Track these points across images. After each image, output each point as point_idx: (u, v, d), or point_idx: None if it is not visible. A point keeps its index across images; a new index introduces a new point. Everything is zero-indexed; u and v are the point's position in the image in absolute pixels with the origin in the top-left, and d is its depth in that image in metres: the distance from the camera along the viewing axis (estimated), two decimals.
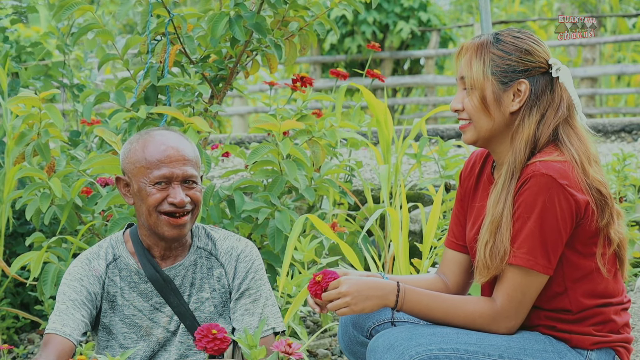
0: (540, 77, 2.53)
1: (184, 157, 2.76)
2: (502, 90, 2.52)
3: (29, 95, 3.70)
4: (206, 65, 4.08)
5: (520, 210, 2.45)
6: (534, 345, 2.49)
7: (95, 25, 4.09)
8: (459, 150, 6.80)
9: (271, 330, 2.85)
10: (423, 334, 2.46)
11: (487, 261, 2.49)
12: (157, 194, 2.74)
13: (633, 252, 4.65)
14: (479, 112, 2.54)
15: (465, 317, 2.50)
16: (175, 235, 2.77)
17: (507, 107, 2.53)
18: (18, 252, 4.50)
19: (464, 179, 2.77)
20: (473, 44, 2.57)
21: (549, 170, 2.42)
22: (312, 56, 13.70)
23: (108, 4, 7.77)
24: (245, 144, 8.08)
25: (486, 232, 2.50)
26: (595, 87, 12.68)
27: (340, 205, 4.63)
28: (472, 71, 2.54)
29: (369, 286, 2.52)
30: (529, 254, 2.43)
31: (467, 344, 2.45)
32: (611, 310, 2.54)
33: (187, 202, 2.75)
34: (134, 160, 2.78)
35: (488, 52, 2.53)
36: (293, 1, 3.99)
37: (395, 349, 2.44)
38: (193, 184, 2.77)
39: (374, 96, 4.54)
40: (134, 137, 2.84)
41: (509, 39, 2.54)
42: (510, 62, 2.52)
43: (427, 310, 2.53)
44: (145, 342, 2.85)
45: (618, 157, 4.83)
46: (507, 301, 2.47)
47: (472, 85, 2.54)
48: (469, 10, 18.57)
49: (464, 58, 2.58)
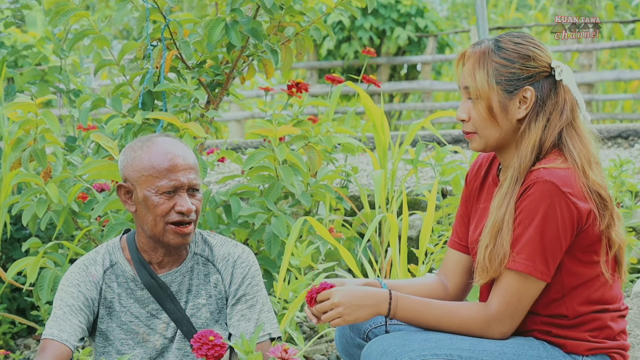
0: (544, 82, 2.53)
1: (189, 165, 2.76)
2: (508, 98, 2.51)
3: (26, 100, 3.69)
4: (202, 71, 4.08)
5: (522, 215, 2.45)
6: (528, 351, 2.49)
7: (91, 31, 4.09)
8: (456, 156, 6.80)
9: (267, 336, 2.85)
10: (416, 339, 2.46)
11: (486, 264, 2.49)
12: (165, 204, 2.73)
13: (630, 258, 4.65)
14: (486, 121, 2.53)
15: (460, 323, 2.50)
16: (180, 243, 2.77)
17: (513, 115, 2.52)
18: (14, 258, 4.50)
19: (470, 181, 2.77)
20: (474, 53, 2.55)
21: (552, 177, 2.42)
22: (309, 62, 13.71)
23: (104, 9, 7.78)
24: (241, 150, 8.08)
25: (487, 234, 2.50)
26: (592, 93, 12.69)
27: (337, 211, 4.63)
28: (476, 81, 2.52)
29: (360, 295, 2.52)
30: (528, 259, 2.43)
31: (460, 349, 2.45)
32: (608, 316, 2.53)
33: (193, 210, 2.75)
34: (140, 168, 2.75)
35: (491, 61, 2.51)
36: (289, 7, 3.99)
37: (389, 355, 2.44)
38: (196, 193, 2.78)
39: (371, 100, 4.54)
40: (136, 144, 2.81)
41: (510, 45, 2.52)
42: (514, 70, 2.50)
43: (420, 317, 2.53)
44: (142, 349, 2.85)
45: (615, 163, 4.83)
46: (502, 306, 2.47)
47: (477, 96, 2.53)
48: (465, 15, 18.60)
49: (466, 67, 2.56)
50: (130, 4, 3.98)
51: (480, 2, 4.87)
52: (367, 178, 6.16)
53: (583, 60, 12.96)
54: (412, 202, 5.32)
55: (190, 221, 2.76)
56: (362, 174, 6.34)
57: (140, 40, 4.04)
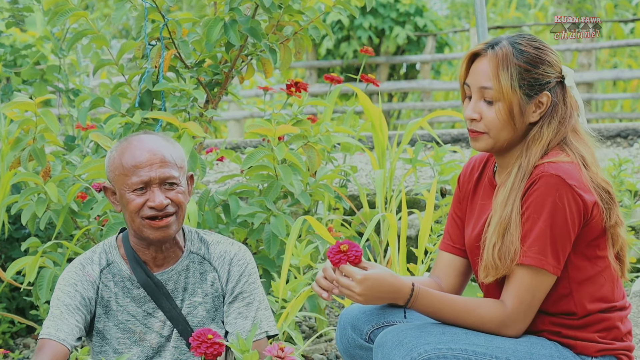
0: (557, 87, 2.55)
1: (160, 159, 2.74)
2: (527, 102, 2.52)
3: (25, 100, 3.69)
4: (201, 70, 4.08)
5: (529, 210, 2.46)
6: (541, 350, 2.50)
7: (89, 31, 4.08)
8: (454, 156, 6.80)
9: (264, 334, 2.85)
10: (433, 332, 2.47)
11: (496, 262, 2.49)
12: (137, 200, 2.73)
13: (630, 258, 4.65)
14: (503, 123, 2.53)
15: (475, 320, 2.51)
16: (160, 237, 2.76)
17: (528, 119, 2.54)
18: (13, 257, 4.49)
19: (463, 183, 2.77)
20: (495, 54, 2.53)
21: (558, 170, 2.44)
22: (308, 61, 13.71)
23: (102, 8, 7.78)
24: (240, 149, 8.08)
25: (494, 233, 2.50)
26: (591, 92, 12.69)
27: (336, 210, 4.63)
28: (500, 84, 2.50)
29: (384, 289, 2.50)
30: (539, 253, 2.44)
31: (475, 345, 2.46)
32: (616, 316, 2.55)
33: (166, 204, 2.73)
34: (113, 168, 2.78)
35: (514, 65, 2.51)
36: (288, 6, 3.99)
37: (404, 345, 2.44)
38: (174, 186, 2.75)
39: (369, 100, 4.54)
40: (114, 145, 2.83)
41: (531, 50, 2.52)
42: (536, 75, 2.51)
43: (438, 312, 2.53)
44: (139, 348, 2.85)
45: (614, 162, 4.83)
46: (517, 303, 2.48)
47: (499, 98, 2.52)
48: (466, 15, 18.60)
49: (486, 68, 2.53)
50: (129, 3, 3.99)
51: (480, 1, 4.87)
52: (366, 177, 6.16)
53: (582, 59, 12.96)
54: (411, 201, 5.33)
55: (166, 214, 2.75)
56: (361, 173, 6.34)
57: (139, 40, 4.04)
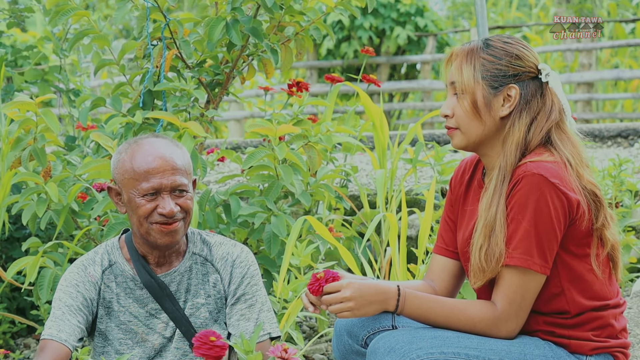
0: (529, 82, 2.56)
1: (172, 166, 2.74)
2: (493, 95, 2.55)
3: (25, 100, 3.69)
4: (202, 70, 4.08)
5: (513, 211, 2.46)
6: (534, 351, 2.50)
7: (91, 30, 4.08)
8: (455, 156, 6.80)
9: (267, 336, 2.85)
10: (424, 337, 2.47)
11: (482, 264, 2.50)
12: (146, 205, 2.73)
13: (629, 258, 4.65)
14: (469, 116, 2.56)
15: (466, 321, 2.51)
16: (168, 242, 2.77)
17: (497, 112, 2.55)
18: (14, 257, 4.49)
19: (454, 186, 2.79)
20: (463, 50, 2.60)
21: (540, 169, 2.44)
22: (309, 61, 13.71)
23: (104, 8, 7.78)
24: (241, 149, 8.08)
25: (480, 236, 2.51)
26: (592, 92, 12.69)
27: (337, 210, 4.63)
28: (462, 76, 2.56)
29: (371, 291, 2.52)
30: (525, 253, 2.44)
31: (467, 347, 2.46)
32: (609, 314, 2.55)
33: (176, 211, 2.73)
34: (123, 171, 2.76)
35: (478, 57, 2.56)
36: (289, 6, 3.99)
37: (396, 352, 2.44)
38: (183, 193, 2.76)
39: (370, 100, 4.54)
40: (123, 146, 2.82)
41: (499, 44, 2.57)
42: (500, 66, 2.54)
43: (427, 314, 2.53)
44: (141, 348, 2.85)
45: (614, 163, 4.83)
46: (507, 304, 2.48)
47: (463, 90, 2.57)
48: (467, 15, 18.60)
49: (454, 63, 2.60)
50: (131, 3, 3.98)
51: (480, 1, 4.87)
52: (366, 177, 6.16)
53: (583, 59, 12.95)
54: (411, 201, 5.32)
55: (174, 221, 2.76)
56: (362, 173, 6.34)
57: (141, 40, 4.04)
